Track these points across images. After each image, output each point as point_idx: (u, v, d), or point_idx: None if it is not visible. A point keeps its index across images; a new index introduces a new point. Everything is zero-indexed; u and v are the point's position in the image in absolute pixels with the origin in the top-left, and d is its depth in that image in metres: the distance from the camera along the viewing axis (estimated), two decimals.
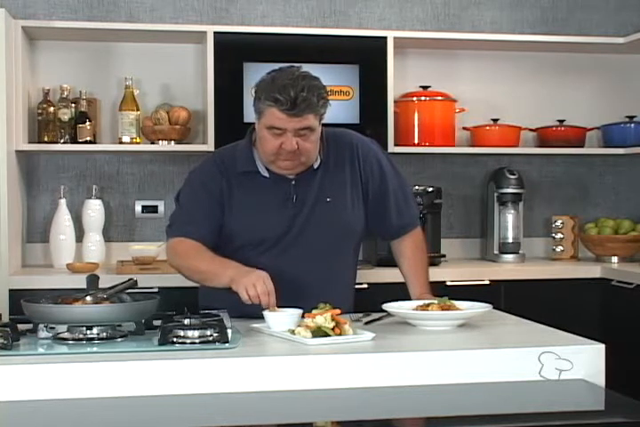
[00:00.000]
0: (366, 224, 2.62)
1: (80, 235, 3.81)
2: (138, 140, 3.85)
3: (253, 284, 2.27)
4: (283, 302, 2.29)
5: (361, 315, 2.42)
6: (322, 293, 2.45)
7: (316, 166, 2.54)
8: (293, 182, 2.52)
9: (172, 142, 3.82)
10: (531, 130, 4.28)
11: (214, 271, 2.43)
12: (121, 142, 3.84)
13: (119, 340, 2.07)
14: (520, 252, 4.09)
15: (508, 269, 3.89)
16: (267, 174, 2.52)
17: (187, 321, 2.08)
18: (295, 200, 2.52)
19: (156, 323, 2.17)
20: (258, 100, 2.42)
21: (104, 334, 2.07)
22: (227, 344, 2.00)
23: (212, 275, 2.45)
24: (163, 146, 3.82)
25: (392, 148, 3.88)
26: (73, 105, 3.81)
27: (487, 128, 4.18)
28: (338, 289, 2.57)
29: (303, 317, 2.16)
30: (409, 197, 2.70)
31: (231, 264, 2.41)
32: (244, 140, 2.58)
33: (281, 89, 2.34)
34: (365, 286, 3.47)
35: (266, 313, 2.21)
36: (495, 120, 4.19)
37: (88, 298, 2.15)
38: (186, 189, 2.61)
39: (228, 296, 2.48)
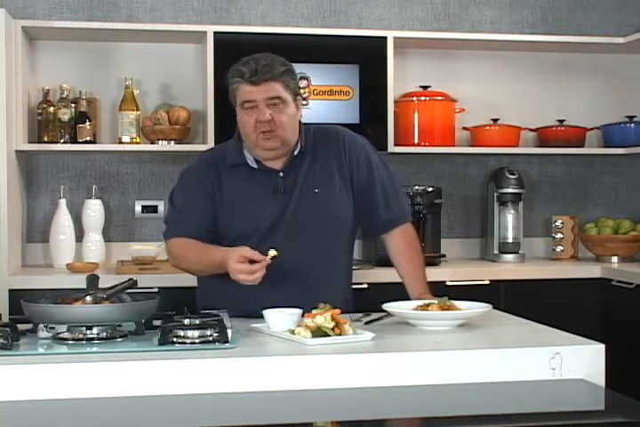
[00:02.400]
0: (356, 216, 2.64)
1: (80, 235, 3.81)
2: (138, 140, 3.85)
3: (237, 271, 2.29)
4: (279, 293, 2.32)
5: (361, 315, 2.42)
6: (317, 283, 2.51)
7: (296, 153, 2.57)
8: (281, 174, 2.56)
9: (172, 142, 3.82)
10: (531, 130, 4.28)
11: (207, 266, 2.48)
12: (121, 142, 3.84)
13: (119, 340, 2.07)
14: (520, 252, 4.09)
15: (508, 269, 3.89)
16: (255, 166, 2.57)
17: (187, 321, 2.08)
18: (283, 191, 2.55)
19: (156, 323, 2.17)
20: (230, 85, 2.52)
21: (104, 334, 2.07)
22: (227, 344, 2.00)
23: (207, 268, 2.49)
24: (163, 146, 3.82)
25: (392, 148, 3.88)
26: (73, 105, 3.81)
27: (487, 128, 4.18)
28: (332, 279, 2.60)
29: (303, 316, 2.16)
30: (399, 192, 2.71)
31: (215, 253, 2.42)
32: (233, 138, 2.65)
33: (243, 63, 2.49)
34: (365, 286, 3.47)
35: (266, 313, 2.21)
36: (495, 120, 4.19)
37: (88, 298, 2.15)
38: (178, 188, 2.65)
39: (226, 296, 2.49)
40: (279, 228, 2.54)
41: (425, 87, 4.10)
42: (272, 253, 2.29)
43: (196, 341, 2.01)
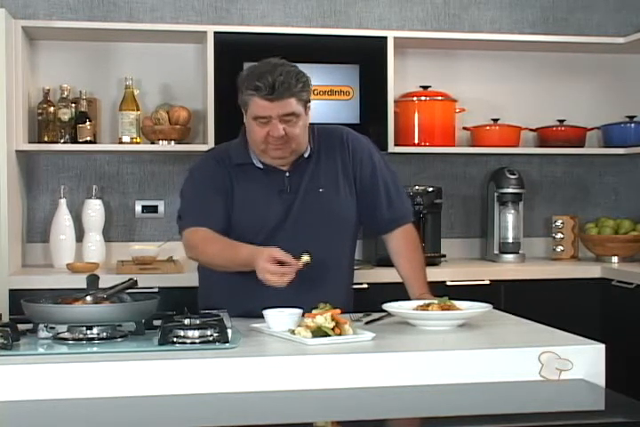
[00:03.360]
0: (359, 215, 2.65)
1: (80, 235, 3.81)
2: (138, 140, 3.85)
3: (267, 271, 2.28)
4: (279, 293, 2.31)
5: (361, 315, 2.42)
6: (318, 283, 2.50)
7: (306, 155, 2.58)
8: (287, 174, 2.56)
9: (172, 142, 3.82)
10: (531, 130, 4.28)
11: (229, 262, 2.47)
12: (121, 142, 3.84)
13: (119, 340, 2.07)
14: (520, 252, 4.09)
15: (508, 269, 3.89)
16: (261, 166, 2.57)
17: (187, 321, 2.08)
18: (289, 191, 2.56)
19: (156, 323, 2.17)
20: (241, 94, 2.49)
21: (104, 334, 2.07)
22: (227, 344, 2.00)
23: (230, 264, 2.48)
24: (163, 146, 3.82)
25: (392, 148, 3.88)
26: (73, 105, 3.81)
27: (487, 128, 4.18)
28: (334, 279, 2.60)
29: (303, 316, 2.16)
30: (401, 192, 2.73)
31: (242, 250, 2.42)
32: (237, 139, 2.64)
33: (259, 77, 2.42)
34: (365, 286, 3.47)
35: (266, 313, 2.21)
36: (495, 120, 4.19)
37: (88, 298, 2.15)
38: (189, 184, 2.64)
39: (226, 296, 2.49)
40: (283, 227, 2.54)
41: (425, 87, 4.10)
42: (305, 258, 2.27)
43: (196, 341, 2.01)
